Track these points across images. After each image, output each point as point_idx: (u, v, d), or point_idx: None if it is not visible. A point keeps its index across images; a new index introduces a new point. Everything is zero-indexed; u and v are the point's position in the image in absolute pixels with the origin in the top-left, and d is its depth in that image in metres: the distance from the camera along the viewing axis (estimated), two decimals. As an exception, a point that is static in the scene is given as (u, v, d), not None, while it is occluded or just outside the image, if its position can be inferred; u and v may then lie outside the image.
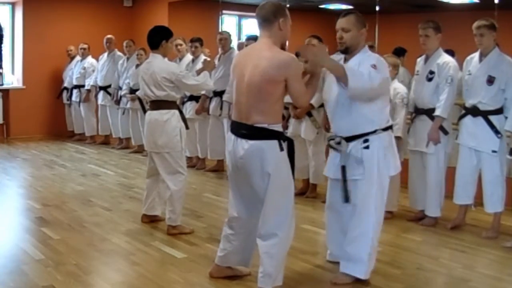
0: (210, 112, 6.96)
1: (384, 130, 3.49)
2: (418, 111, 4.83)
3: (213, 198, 5.78)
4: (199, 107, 7.01)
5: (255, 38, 4.74)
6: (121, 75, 8.57)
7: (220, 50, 7.03)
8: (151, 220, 4.80)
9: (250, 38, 6.42)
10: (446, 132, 4.70)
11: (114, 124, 8.94)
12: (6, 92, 9.55)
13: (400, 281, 3.61)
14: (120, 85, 8.54)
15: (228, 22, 10.51)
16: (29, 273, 3.63)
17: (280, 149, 3.19)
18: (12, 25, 9.87)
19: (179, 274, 3.67)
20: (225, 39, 6.92)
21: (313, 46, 3.37)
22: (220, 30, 8.63)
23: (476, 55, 4.58)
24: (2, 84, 9.51)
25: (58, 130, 9.96)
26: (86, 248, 4.16)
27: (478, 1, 8.51)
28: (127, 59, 8.54)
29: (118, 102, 8.68)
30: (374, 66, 3.34)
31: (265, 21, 3.23)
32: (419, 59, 4.89)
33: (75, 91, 9.47)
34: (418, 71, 4.86)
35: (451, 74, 4.58)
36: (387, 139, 3.51)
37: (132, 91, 8.05)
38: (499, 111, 4.46)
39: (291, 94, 3.24)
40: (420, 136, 4.76)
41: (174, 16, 9.64)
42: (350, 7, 9.78)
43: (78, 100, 9.43)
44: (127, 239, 4.38)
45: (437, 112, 4.61)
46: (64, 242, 4.27)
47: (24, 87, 9.71)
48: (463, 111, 4.72)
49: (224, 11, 9.84)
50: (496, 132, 4.44)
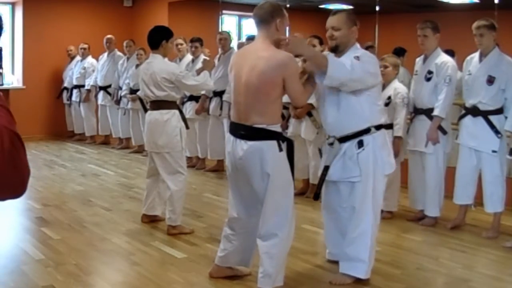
0: (210, 112, 6.96)
1: (378, 128, 3.48)
2: (417, 111, 4.83)
3: (213, 198, 5.78)
4: (199, 107, 7.01)
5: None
6: (121, 75, 8.57)
7: (220, 50, 7.03)
8: (151, 220, 4.80)
9: (250, 38, 6.42)
10: (444, 132, 4.70)
11: (114, 124, 8.94)
12: (6, 92, 9.52)
13: (400, 281, 3.61)
14: (120, 85, 8.54)
15: (228, 22, 10.50)
16: (29, 273, 3.64)
17: (279, 149, 3.19)
18: (12, 25, 9.86)
19: (179, 274, 3.67)
20: (225, 39, 6.92)
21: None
22: (220, 30, 8.63)
23: (476, 55, 4.58)
24: (2, 84, 9.49)
25: (58, 130, 9.95)
26: (86, 248, 4.16)
27: (478, 1, 8.51)
28: (127, 59, 8.54)
29: (118, 102, 8.68)
30: (357, 58, 3.30)
31: (262, 21, 3.23)
32: (418, 59, 4.90)
33: (75, 91, 9.47)
34: (417, 71, 4.87)
35: (450, 74, 4.59)
36: (381, 138, 3.50)
37: (132, 91, 8.05)
38: (499, 111, 4.46)
39: (289, 94, 3.24)
40: (419, 136, 4.77)
41: (174, 16, 9.64)
42: (350, 7, 9.79)
43: (78, 100, 9.43)
44: (127, 239, 4.38)
45: (435, 112, 4.61)
46: (64, 242, 4.27)
47: (24, 87, 9.70)
48: (463, 111, 4.73)
49: (224, 11, 9.83)
50: (496, 132, 4.44)
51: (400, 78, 5.25)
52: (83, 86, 9.32)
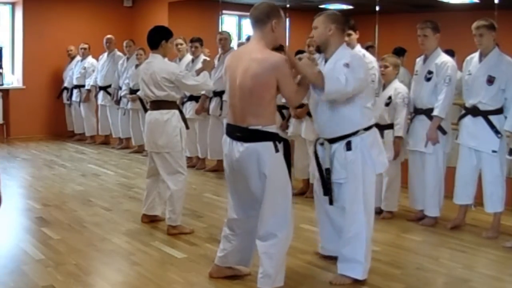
0: (210, 112, 6.96)
1: (367, 129, 3.48)
2: (417, 111, 4.83)
3: (213, 198, 5.78)
4: (199, 107, 7.01)
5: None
6: (121, 75, 8.56)
7: (220, 50, 7.03)
8: (151, 220, 4.80)
9: (250, 39, 6.41)
10: (444, 132, 4.70)
11: (114, 124, 8.94)
12: (6, 92, 9.55)
13: (400, 281, 3.61)
14: (120, 85, 8.54)
15: (228, 22, 10.50)
16: (29, 273, 3.64)
17: (276, 150, 3.19)
18: (12, 25, 9.87)
19: (179, 274, 3.67)
20: (225, 39, 6.91)
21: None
22: (220, 30, 8.63)
23: (476, 55, 4.58)
24: (2, 84, 9.50)
25: (58, 130, 9.95)
26: (86, 248, 4.16)
27: (478, 1, 8.51)
28: (127, 59, 8.54)
29: (118, 102, 8.67)
30: (347, 65, 3.30)
31: (258, 21, 3.23)
32: (418, 59, 4.90)
33: (75, 91, 9.46)
34: (417, 71, 4.87)
35: (449, 74, 4.59)
36: (370, 138, 3.49)
37: (132, 91, 8.05)
38: (499, 111, 4.46)
39: (283, 94, 3.25)
40: (419, 136, 4.76)
41: (174, 16, 9.64)
42: (350, 7, 9.79)
43: (78, 100, 9.42)
44: (127, 239, 4.38)
45: (435, 112, 4.61)
46: (64, 242, 4.27)
47: (24, 87, 9.71)
48: (463, 111, 4.73)
49: (224, 11, 9.83)
50: (496, 132, 4.44)
51: (400, 78, 5.25)
52: (83, 86, 9.32)
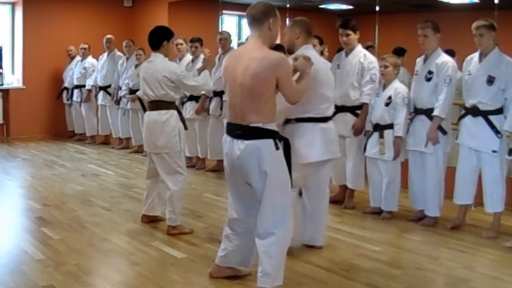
0: (210, 112, 6.96)
1: (299, 120, 3.87)
2: (417, 111, 4.83)
3: (213, 198, 5.78)
4: (199, 107, 7.01)
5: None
6: (120, 75, 8.56)
7: (220, 50, 7.03)
8: (151, 220, 4.79)
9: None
10: (444, 132, 4.70)
11: (114, 124, 8.94)
12: (6, 92, 9.55)
13: (400, 281, 3.61)
14: (120, 85, 8.54)
15: (228, 22, 10.51)
16: (29, 273, 3.63)
17: (276, 148, 3.20)
18: (12, 25, 9.87)
19: (179, 274, 3.67)
20: (225, 39, 6.91)
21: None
22: (220, 30, 8.63)
23: (476, 55, 4.58)
24: (2, 84, 9.50)
25: (58, 130, 9.95)
26: (86, 248, 4.16)
27: (478, 1, 8.51)
28: (127, 59, 8.54)
29: (118, 102, 8.67)
30: None
31: (255, 21, 3.25)
32: (418, 59, 4.90)
33: (76, 91, 9.46)
34: (417, 71, 4.87)
35: (450, 74, 4.59)
36: (301, 129, 3.86)
37: (132, 91, 8.05)
38: (499, 111, 4.46)
39: (283, 92, 3.27)
40: (419, 136, 4.76)
41: (174, 16, 9.64)
42: (350, 7, 9.79)
43: (79, 100, 9.42)
44: (127, 239, 4.38)
45: (435, 112, 4.61)
46: (64, 242, 4.27)
47: (24, 87, 9.70)
48: (463, 111, 4.72)
49: (224, 11, 9.83)
50: (496, 132, 4.44)
51: (400, 78, 5.25)
52: (84, 86, 9.32)
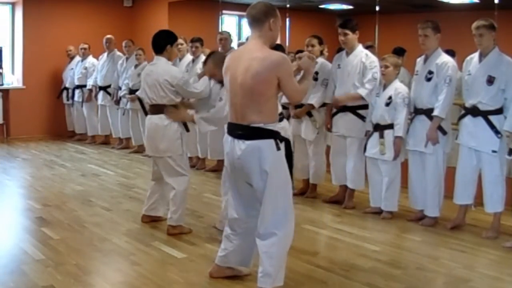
0: (210, 112, 6.95)
1: None
2: (417, 111, 4.83)
3: (213, 198, 5.78)
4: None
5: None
6: (120, 75, 8.56)
7: (220, 50, 7.03)
8: (152, 220, 4.79)
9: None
10: (444, 132, 4.70)
11: (114, 124, 8.94)
12: (6, 92, 9.55)
13: (400, 281, 3.61)
14: (120, 85, 8.54)
15: (228, 22, 10.51)
16: (29, 273, 3.63)
17: (277, 148, 3.19)
18: (12, 25, 9.87)
19: (179, 274, 3.67)
20: (225, 39, 6.92)
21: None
22: (220, 30, 8.63)
23: (475, 55, 4.58)
24: (2, 84, 9.50)
25: (58, 130, 9.95)
26: (86, 248, 4.16)
27: (478, 1, 8.51)
28: (127, 59, 8.54)
29: (118, 102, 8.67)
30: None
31: (255, 21, 3.24)
32: (418, 59, 4.90)
33: (77, 91, 9.46)
34: (417, 71, 4.87)
35: (450, 74, 4.59)
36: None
37: (131, 91, 8.05)
38: (499, 111, 4.46)
39: (285, 92, 3.25)
40: (419, 136, 4.76)
41: (174, 16, 9.64)
42: (350, 7, 9.79)
43: (80, 100, 9.42)
44: (127, 239, 4.38)
45: (435, 112, 4.61)
46: (64, 242, 4.27)
47: (24, 87, 9.71)
48: (463, 111, 4.72)
49: (224, 11, 9.83)
50: (496, 132, 4.44)
51: (400, 78, 5.25)
52: (85, 86, 9.32)
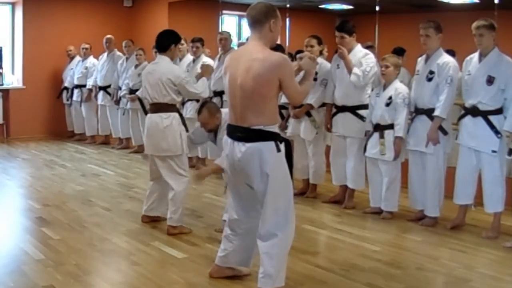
0: (210, 112, 6.94)
1: None
2: (418, 111, 4.83)
3: (213, 198, 5.78)
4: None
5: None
6: (120, 75, 8.56)
7: (220, 50, 7.03)
8: (152, 220, 4.80)
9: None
10: (445, 132, 4.70)
11: (114, 124, 8.94)
12: (6, 92, 9.55)
13: (400, 281, 3.61)
14: (120, 85, 8.54)
15: (228, 22, 10.50)
16: (29, 273, 3.64)
17: (277, 150, 3.18)
18: (12, 25, 9.86)
19: (179, 274, 3.67)
20: (225, 39, 6.91)
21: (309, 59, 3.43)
22: (220, 30, 8.63)
23: (475, 55, 4.58)
24: (2, 84, 9.50)
25: (58, 130, 9.95)
26: (86, 248, 4.16)
27: (478, 1, 8.50)
28: (127, 59, 8.54)
29: (118, 102, 8.67)
30: None
31: (256, 21, 3.22)
32: (419, 59, 4.89)
33: (76, 91, 9.45)
34: (418, 71, 4.86)
35: (451, 74, 4.59)
36: None
37: (132, 91, 8.05)
38: (498, 111, 4.46)
39: (286, 93, 3.24)
40: (420, 136, 4.76)
41: (174, 16, 9.63)
42: (350, 7, 9.79)
43: (79, 100, 9.41)
44: (127, 239, 4.38)
45: (436, 112, 4.61)
46: (64, 242, 4.27)
47: (24, 87, 9.71)
48: (463, 111, 4.72)
49: (224, 11, 9.82)
50: (496, 132, 4.44)
51: (400, 78, 5.25)
52: (85, 86, 9.31)
